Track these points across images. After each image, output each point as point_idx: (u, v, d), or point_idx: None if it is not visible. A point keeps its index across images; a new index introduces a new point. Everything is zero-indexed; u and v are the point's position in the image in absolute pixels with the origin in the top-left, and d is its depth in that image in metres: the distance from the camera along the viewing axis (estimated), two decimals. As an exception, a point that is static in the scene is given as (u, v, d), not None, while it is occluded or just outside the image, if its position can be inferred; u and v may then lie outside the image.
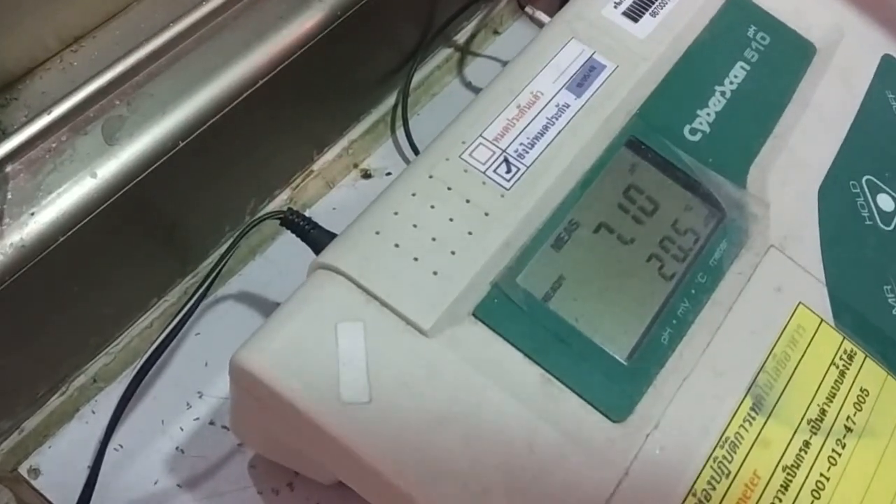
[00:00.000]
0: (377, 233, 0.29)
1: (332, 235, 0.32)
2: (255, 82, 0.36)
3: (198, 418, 0.35)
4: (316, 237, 0.33)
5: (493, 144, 0.32)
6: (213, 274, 0.34)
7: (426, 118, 0.46)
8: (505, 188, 0.31)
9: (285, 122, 0.40)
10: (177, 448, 0.34)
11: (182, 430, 0.35)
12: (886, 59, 0.39)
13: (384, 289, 0.28)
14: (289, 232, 0.34)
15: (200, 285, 0.34)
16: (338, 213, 0.42)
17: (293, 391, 0.26)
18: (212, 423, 0.35)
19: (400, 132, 0.45)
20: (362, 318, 0.28)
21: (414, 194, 0.30)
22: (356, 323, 0.27)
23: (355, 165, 0.44)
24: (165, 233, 0.36)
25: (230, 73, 0.35)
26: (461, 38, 0.49)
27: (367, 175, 0.44)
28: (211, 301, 0.39)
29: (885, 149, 0.36)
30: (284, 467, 0.33)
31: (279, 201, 0.41)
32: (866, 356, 0.31)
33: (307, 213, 0.42)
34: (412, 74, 0.45)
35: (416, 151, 0.44)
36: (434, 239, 0.29)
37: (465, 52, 0.49)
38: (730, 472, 0.27)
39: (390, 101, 0.46)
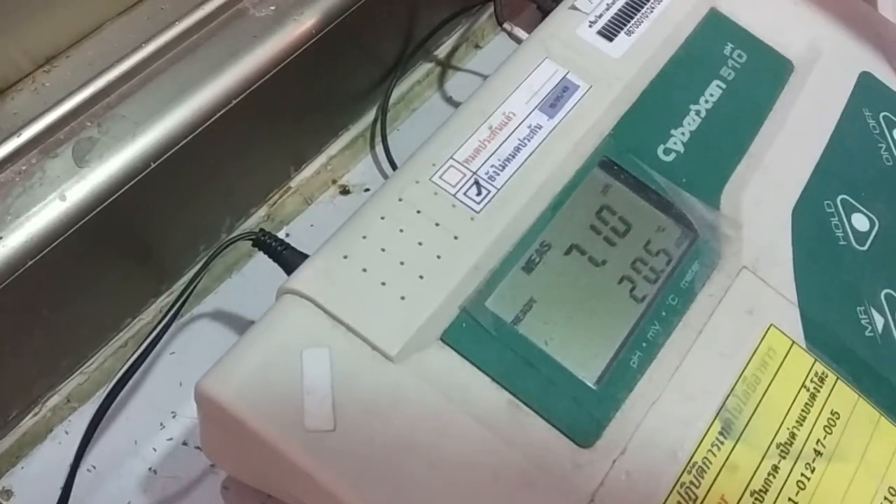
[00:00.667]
0: (345, 257, 0.29)
1: (305, 256, 0.32)
2: (229, 101, 0.35)
3: (171, 438, 0.35)
4: (288, 258, 0.33)
5: (464, 167, 0.32)
6: (186, 294, 0.34)
7: (406, 133, 0.46)
8: (475, 211, 0.31)
9: (261, 139, 0.39)
10: (150, 469, 0.34)
11: (155, 450, 0.35)
12: (864, 76, 0.39)
13: (350, 314, 0.28)
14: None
15: (173, 305, 0.34)
16: (316, 230, 0.42)
17: (257, 419, 0.26)
18: (185, 443, 0.35)
19: (379, 148, 0.45)
20: (328, 344, 0.28)
21: (383, 218, 0.30)
22: (322, 349, 0.27)
23: (334, 181, 0.44)
24: (139, 253, 0.36)
25: (203, 92, 0.35)
26: (442, 52, 0.49)
27: (345, 191, 0.44)
28: (186, 320, 0.39)
29: (860, 167, 0.36)
30: (256, 489, 0.33)
31: (256, 218, 0.41)
32: (838, 378, 0.31)
33: (285, 231, 0.42)
34: (391, 89, 0.45)
35: (394, 167, 0.44)
36: (402, 263, 0.29)
37: (446, 66, 0.49)
38: (697, 498, 0.27)
39: (370, 116, 0.46)
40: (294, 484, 0.27)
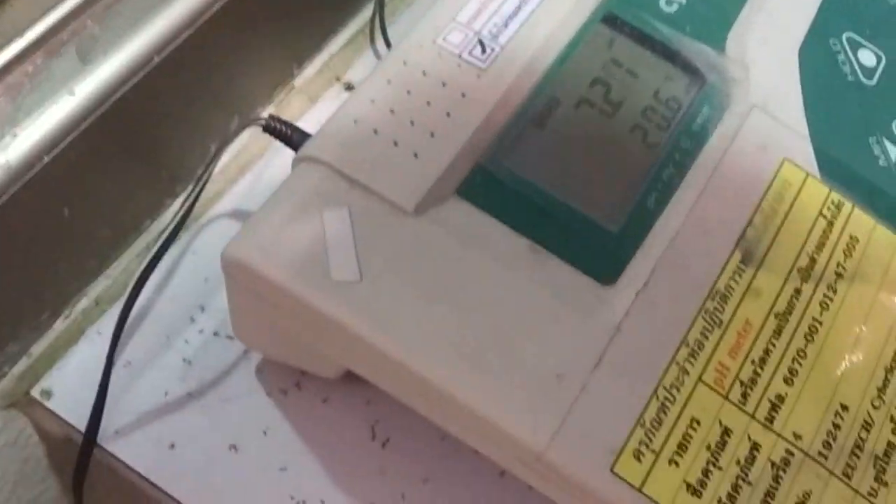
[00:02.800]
0: (355, 121, 0.29)
1: (314, 137, 0.32)
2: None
3: (202, 331, 0.36)
4: (299, 140, 0.33)
5: (467, 27, 0.32)
6: (200, 185, 0.34)
7: (405, 26, 0.46)
8: (481, 69, 0.31)
9: (261, 36, 0.39)
10: (184, 360, 0.35)
11: (188, 342, 0.35)
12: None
13: (366, 174, 0.28)
14: (276, 148, 0.34)
15: (189, 196, 0.34)
16: (324, 127, 0.42)
17: (285, 277, 0.27)
18: (216, 334, 0.35)
19: (380, 42, 0.45)
20: (347, 204, 0.28)
21: (389, 81, 0.30)
22: (341, 208, 0.28)
23: (337, 79, 0.44)
24: (150, 152, 0.37)
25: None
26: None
27: (349, 88, 0.44)
28: (205, 221, 0.39)
29: (864, 4, 0.36)
30: (291, 368, 0.34)
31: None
32: (854, 205, 0.31)
33: (293, 129, 0.42)
34: (387, -17, 0.45)
35: (396, 59, 0.43)
36: (412, 122, 0.29)
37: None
38: (722, 322, 0.28)
39: (368, 11, 0.45)
40: (326, 340, 0.28)
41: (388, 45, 0.44)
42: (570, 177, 0.30)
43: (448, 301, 0.27)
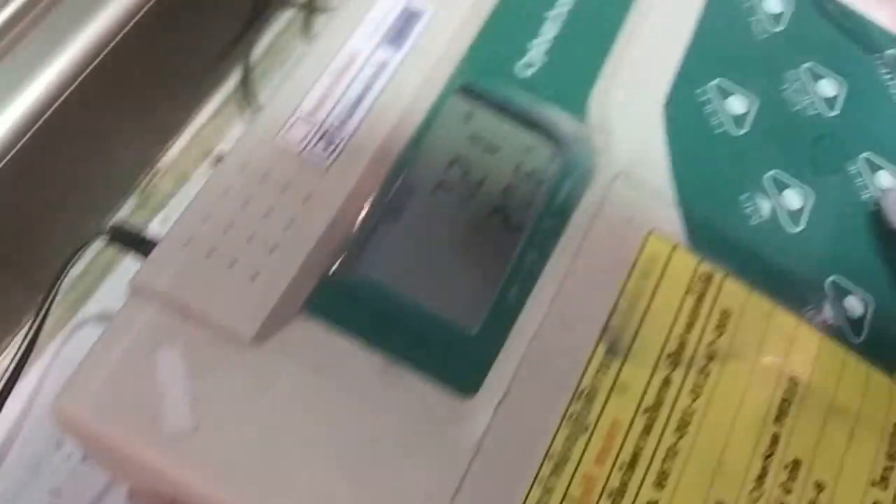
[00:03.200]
0: (189, 242, 0.27)
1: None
2: (72, 83, 0.33)
3: (70, 455, 0.34)
4: (147, 250, 0.31)
5: (310, 119, 0.30)
6: (43, 310, 0.32)
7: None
8: (325, 166, 0.29)
9: (118, 120, 0.37)
10: (51, 491, 0.33)
11: (55, 472, 0.33)
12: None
13: (201, 303, 0.26)
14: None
15: (34, 319, 0.32)
16: (196, 208, 0.40)
17: (116, 433, 0.25)
18: (85, 458, 0.34)
19: (251, 110, 0.43)
20: (181, 339, 0.26)
21: (226, 192, 0.28)
22: (173, 346, 0.26)
23: (207, 154, 0.42)
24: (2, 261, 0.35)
25: (40, 80, 0.32)
26: (302, -5, 0.46)
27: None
28: (72, 326, 0.37)
29: (733, 46, 0.34)
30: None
31: (128, 209, 0.39)
32: (725, 275, 0.29)
33: (161, 216, 0.40)
34: (253, 44, 0.42)
35: (268, 127, 0.41)
36: (251, 238, 0.28)
37: (310, 9, 0.46)
38: (587, 426, 0.26)
39: (236, 76, 0.43)
40: (174, 490, 0.26)
41: (256, 111, 0.42)
42: (426, 276, 0.29)
43: (293, 442, 0.25)
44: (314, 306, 0.27)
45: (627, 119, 0.32)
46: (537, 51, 0.33)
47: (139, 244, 0.31)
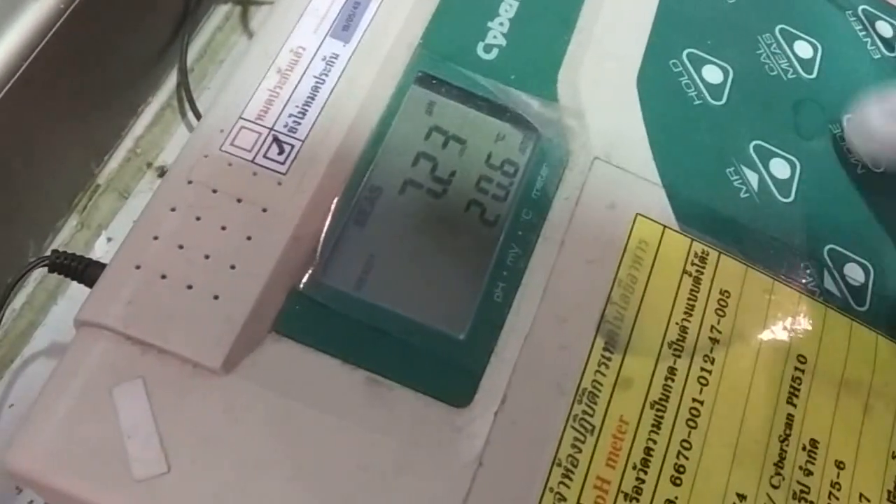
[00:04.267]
0: (138, 267, 0.25)
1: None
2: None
3: (32, 501, 0.31)
4: (93, 275, 0.29)
5: (257, 124, 0.27)
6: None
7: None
8: (281, 173, 0.27)
9: (47, 137, 0.34)
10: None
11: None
12: None
13: (158, 333, 0.24)
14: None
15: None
16: (141, 226, 0.37)
17: (79, 485, 0.22)
18: (44, 506, 0.31)
19: (192, 115, 0.40)
20: (142, 374, 0.23)
21: (174, 209, 0.26)
22: (134, 382, 0.23)
23: (149, 165, 0.39)
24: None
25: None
26: (236, -12, 0.43)
27: (164, 173, 0.39)
28: (20, 364, 0.34)
29: (702, 14, 0.33)
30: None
31: (69, 230, 0.36)
32: (720, 253, 0.28)
33: (105, 235, 0.37)
34: (186, 44, 0.40)
35: (212, 134, 0.38)
36: (207, 256, 0.25)
37: (247, 2, 0.43)
38: (594, 427, 0.24)
39: (172, 81, 0.40)
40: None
41: (197, 116, 0.39)
42: (403, 282, 0.26)
43: (278, 475, 0.23)
44: (285, 325, 0.25)
45: (600, 98, 0.30)
46: (497, 31, 0.31)
47: (84, 270, 0.29)
